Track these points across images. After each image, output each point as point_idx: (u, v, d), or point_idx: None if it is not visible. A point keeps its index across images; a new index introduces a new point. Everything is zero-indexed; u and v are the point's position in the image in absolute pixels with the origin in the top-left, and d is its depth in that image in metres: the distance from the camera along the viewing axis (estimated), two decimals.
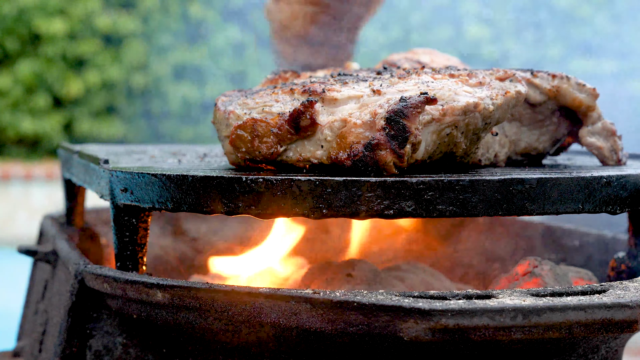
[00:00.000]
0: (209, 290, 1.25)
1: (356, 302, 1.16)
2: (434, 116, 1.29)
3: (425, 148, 1.30)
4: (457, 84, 1.36)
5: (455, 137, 1.32)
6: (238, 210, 1.26)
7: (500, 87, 1.38)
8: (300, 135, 1.31)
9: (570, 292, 1.22)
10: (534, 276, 1.53)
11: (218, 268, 1.90)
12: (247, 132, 1.35)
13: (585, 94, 1.55)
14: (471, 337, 1.13)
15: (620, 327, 1.17)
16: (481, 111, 1.32)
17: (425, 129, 1.29)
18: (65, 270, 1.59)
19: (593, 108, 1.55)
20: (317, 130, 1.30)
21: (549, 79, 1.55)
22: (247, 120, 1.35)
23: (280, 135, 1.32)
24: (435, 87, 1.33)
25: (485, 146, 1.50)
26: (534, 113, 1.57)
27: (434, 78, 1.37)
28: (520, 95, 1.40)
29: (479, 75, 1.40)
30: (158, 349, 1.40)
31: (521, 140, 1.58)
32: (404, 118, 1.25)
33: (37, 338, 1.75)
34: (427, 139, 1.30)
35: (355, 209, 1.24)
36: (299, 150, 1.32)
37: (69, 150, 1.87)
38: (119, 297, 1.37)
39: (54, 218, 2.09)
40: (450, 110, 1.30)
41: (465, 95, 1.32)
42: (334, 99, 1.32)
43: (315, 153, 1.31)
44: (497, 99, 1.35)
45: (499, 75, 1.41)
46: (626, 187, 1.37)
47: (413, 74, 1.41)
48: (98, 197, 1.50)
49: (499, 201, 1.27)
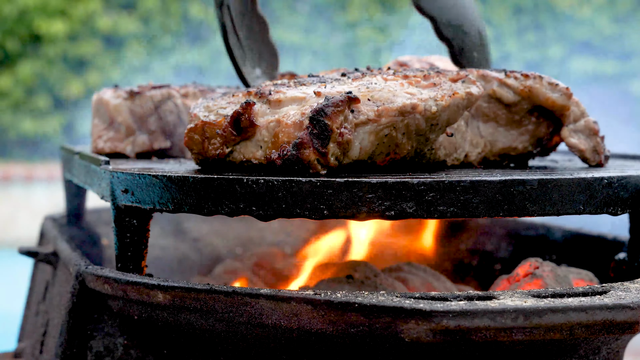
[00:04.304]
0: (210, 291, 1.25)
1: (357, 303, 1.16)
2: (369, 117, 1.31)
3: (362, 148, 1.32)
4: (403, 85, 1.37)
5: (395, 138, 1.34)
6: (239, 211, 1.26)
7: (449, 89, 1.38)
8: (242, 137, 1.35)
9: (572, 293, 1.22)
10: (535, 277, 1.53)
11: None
12: (198, 134, 1.39)
13: (558, 93, 1.53)
14: (472, 338, 1.13)
15: (622, 328, 1.17)
16: (421, 112, 1.33)
17: (360, 129, 1.31)
18: (66, 271, 1.59)
19: (567, 108, 1.53)
20: (256, 131, 1.34)
21: (521, 79, 1.54)
22: (198, 123, 1.39)
23: (224, 136, 1.36)
24: (376, 88, 1.35)
25: (451, 146, 1.51)
26: (509, 113, 1.56)
27: (385, 79, 1.39)
28: (472, 97, 1.39)
29: (435, 77, 1.41)
30: (159, 350, 1.40)
31: (498, 140, 1.57)
32: (325, 117, 1.27)
33: (38, 339, 1.75)
34: (364, 139, 1.32)
35: (356, 210, 1.24)
36: (242, 151, 1.36)
37: (69, 151, 1.87)
38: (119, 298, 1.37)
39: (54, 219, 2.10)
40: (386, 111, 1.32)
41: (404, 97, 1.34)
42: (279, 101, 1.35)
43: (256, 154, 1.34)
44: (442, 101, 1.35)
45: (452, 77, 1.42)
46: (627, 188, 1.37)
47: (368, 76, 1.42)
48: (99, 198, 1.50)
49: (499, 202, 1.27)
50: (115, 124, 1.80)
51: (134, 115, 1.80)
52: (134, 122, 1.79)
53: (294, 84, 1.42)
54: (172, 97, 1.82)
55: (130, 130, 1.79)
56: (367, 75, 1.43)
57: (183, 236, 2.27)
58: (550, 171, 1.44)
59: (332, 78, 1.45)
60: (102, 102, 1.81)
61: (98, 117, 1.82)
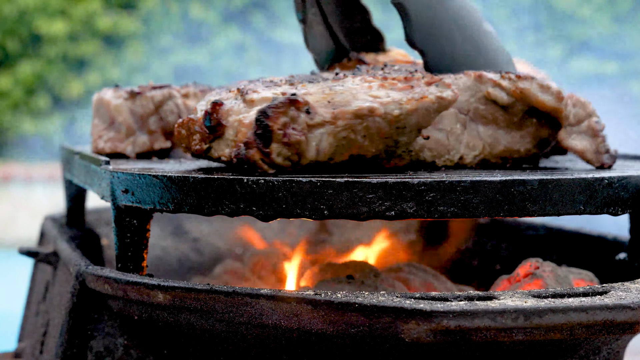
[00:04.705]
0: (210, 291, 1.25)
1: (357, 303, 1.16)
2: (325, 119, 1.33)
3: (321, 149, 1.33)
4: (371, 88, 1.37)
5: (355, 141, 1.34)
6: (239, 211, 1.26)
7: (419, 92, 1.38)
8: (215, 135, 1.39)
9: (572, 293, 1.22)
10: (536, 277, 1.53)
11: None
12: (185, 129, 1.44)
13: (549, 95, 1.52)
14: (473, 338, 1.13)
15: (622, 328, 1.17)
16: (381, 115, 1.34)
17: (316, 131, 1.32)
18: (66, 271, 1.59)
19: (560, 110, 1.52)
20: (225, 130, 1.37)
21: (514, 80, 1.53)
22: (184, 119, 1.44)
23: (202, 133, 1.40)
24: (338, 90, 1.36)
25: (441, 148, 1.50)
26: (507, 115, 1.55)
27: (364, 80, 1.40)
28: (443, 101, 1.39)
29: (415, 80, 1.40)
30: (159, 350, 1.40)
31: (499, 143, 1.55)
32: (267, 118, 1.30)
33: (38, 339, 1.75)
34: (323, 140, 1.33)
35: (356, 210, 1.24)
36: (217, 149, 1.40)
37: (69, 151, 1.87)
38: (120, 298, 1.37)
39: (55, 219, 2.09)
40: (341, 113, 1.33)
41: (365, 100, 1.34)
42: (252, 100, 1.37)
43: (225, 151, 1.38)
44: (407, 104, 1.35)
45: (427, 80, 1.41)
46: (627, 188, 1.37)
47: (349, 76, 1.43)
48: (99, 198, 1.50)
49: (500, 202, 1.27)
50: (115, 124, 1.80)
51: (134, 116, 1.80)
52: (134, 122, 1.79)
53: (268, 84, 1.45)
54: (172, 97, 1.82)
55: (131, 130, 1.79)
56: (348, 77, 1.44)
57: (183, 236, 2.27)
58: (551, 171, 1.44)
59: (306, 79, 1.47)
60: (102, 102, 1.81)
61: (98, 117, 1.82)
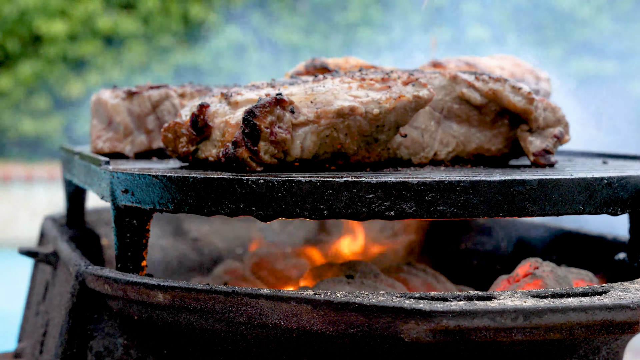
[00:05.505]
0: (210, 291, 1.25)
1: (357, 303, 1.16)
2: (308, 118, 1.37)
3: (305, 147, 1.37)
4: (351, 88, 1.41)
5: (337, 139, 1.39)
6: (239, 211, 1.26)
7: (397, 92, 1.42)
8: (201, 136, 1.43)
9: (571, 293, 1.22)
10: (535, 277, 1.53)
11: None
12: (171, 133, 1.48)
13: (520, 97, 1.56)
14: (472, 338, 1.13)
15: (621, 328, 1.17)
16: (362, 114, 1.38)
17: (300, 129, 1.36)
18: (66, 271, 1.59)
19: (530, 112, 1.55)
20: (211, 131, 1.42)
21: (487, 81, 1.56)
22: (170, 123, 1.48)
23: (188, 136, 1.44)
24: (320, 91, 1.40)
25: (417, 146, 1.54)
26: (480, 115, 1.59)
27: (342, 81, 1.44)
28: (420, 100, 1.43)
29: (391, 80, 1.44)
30: (159, 350, 1.40)
31: (471, 141, 1.60)
32: (254, 117, 1.34)
33: (38, 339, 1.75)
34: (306, 138, 1.37)
35: (356, 210, 1.24)
36: (204, 150, 1.43)
37: (69, 151, 1.87)
38: (119, 298, 1.37)
39: (54, 219, 2.09)
40: (324, 113, 1.37)
41: (346, 100, 1.38)
42: (236, 102, 1.42)
43: (212, 152, 1.42)
44: (386, 103, 1.40)
45: (404, 80, 1.45)
46: (627, 188, 1.37)
47: (329, 78, 1.47)
48: (99, 198, 1.50)
49: (499, 202, 1.27)
50: (113, 124, 1.80)
51: (132, 115, 1.80)
52: (132, 122, 1.79)
53: (251, 87, 1.49)
54: (169, 97, 1.83)
55: (129, 130, 1.79)
56: (328, 78, 1.48)
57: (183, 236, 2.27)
58: (550, 171, 1.44)
59: (287, 82, 1.50)
60: (100, 103, 1.81)
61: (97, 118, 1.82)
